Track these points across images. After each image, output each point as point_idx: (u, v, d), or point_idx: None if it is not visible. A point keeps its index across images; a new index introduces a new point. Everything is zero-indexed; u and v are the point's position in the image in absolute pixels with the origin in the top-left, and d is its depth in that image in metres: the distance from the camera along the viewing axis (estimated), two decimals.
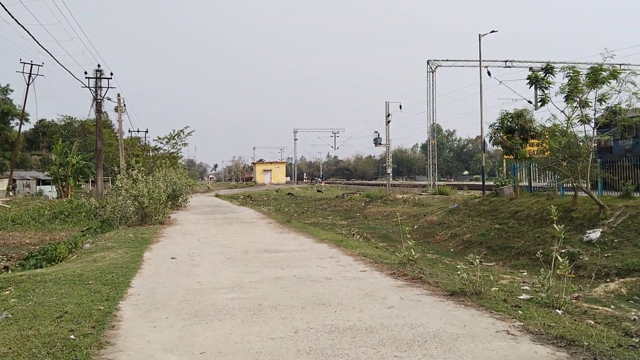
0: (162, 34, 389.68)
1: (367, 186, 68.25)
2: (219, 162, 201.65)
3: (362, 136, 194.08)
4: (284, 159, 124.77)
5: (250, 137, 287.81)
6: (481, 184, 36.98)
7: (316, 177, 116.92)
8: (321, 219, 30.76)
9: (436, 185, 45.14)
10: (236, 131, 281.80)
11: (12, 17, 20.03)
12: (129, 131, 59.78)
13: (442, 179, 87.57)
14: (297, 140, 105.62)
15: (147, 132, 63.25)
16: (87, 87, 36.32)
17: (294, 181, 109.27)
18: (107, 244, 14.81)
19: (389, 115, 46.02)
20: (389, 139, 47.77)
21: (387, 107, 45.94)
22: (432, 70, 45.61)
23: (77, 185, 49.08)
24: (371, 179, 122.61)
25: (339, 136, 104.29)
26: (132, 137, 59.44)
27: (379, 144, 50.41)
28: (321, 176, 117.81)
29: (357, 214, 32.99)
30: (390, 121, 46.48)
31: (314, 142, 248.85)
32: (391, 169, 50.03)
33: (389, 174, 49.40)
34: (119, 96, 38.84)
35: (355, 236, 20.95)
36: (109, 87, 37.12)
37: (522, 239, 17.76)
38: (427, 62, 45.66)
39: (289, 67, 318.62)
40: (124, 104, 39.49)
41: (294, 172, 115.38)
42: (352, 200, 41.15)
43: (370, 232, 23.40)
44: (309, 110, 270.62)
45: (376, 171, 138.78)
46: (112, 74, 37.47)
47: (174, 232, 18.06)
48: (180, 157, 53.83)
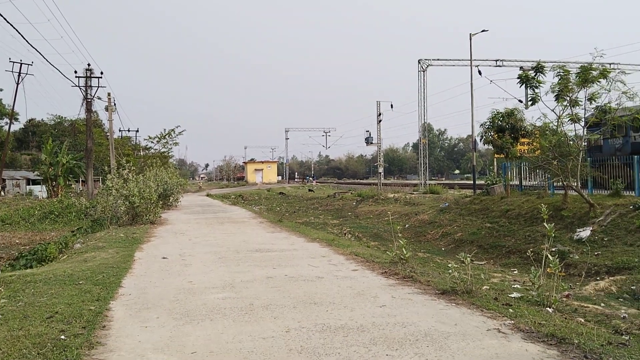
0: (153, 34, 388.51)
1: (358, 185, 68.31)
2: (210, 162, 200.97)
3: (354, 135, 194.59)
4: (275, 159, 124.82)
5: (241, 136, 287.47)
6: (472, 182, 37.12)
7: (308, 177, 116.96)
8: (313, 218, 30.77)
9: (427, 184, 45.25)
10: (227, 130, 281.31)
11: (1, 15, 19.89)
12: (120, 130, 59.35)
13: (433, 178, 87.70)
14: (289, 139, 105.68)
15: (137, 131, 62.78)
16: (77, 86, 36.04)
17: (286, 180, 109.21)
18: (98, 243, 14.73)
19: (380, 114, 46.08)
20: (380, 138, 47.84)
21: (378, 106, 46.02)
22: (423, 69, 45.71)
23: (68, 185, 48.82)
24: (363, 178, 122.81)
25: (330, 135, 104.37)
26: (123, 137, 58.95)
27: (370, 143, 50.49)
28: (313, 175, 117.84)
29: (349, 213, 33.03)
30: (381, 120, 46.56)
31: (305, 142, 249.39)
32: (382, 168, 50.08)
33: (380, 173, 49.48)
34: (109, 95, 38.64)
35: (346, 235, 20.96)
36: (99, 87, 36.88)
37: (512, 237, 17.85)
38: (418, 62, 45.76)
39: (281, 67, 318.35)
40: (115, 103, 39.28)
41: (285, 171, 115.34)
42: (344, 199, 41.21)
43: (361, 231, 23.43)
44: (301, 109, 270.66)
45: (368, 170, 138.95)
46: (102, 73, 37.30)
47: (165, 231, 18.00)
48: (171, 157, 53.60)
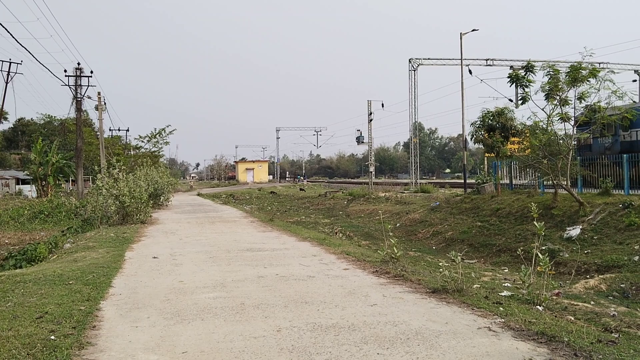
0: (146, 34, 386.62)
1: (349, 184, 68.40)
2: (201, 161, 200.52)
3: (345, 134, 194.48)
4: (266, 158, 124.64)
5: (232, 135, 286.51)
6: (463, 181, 37.25)
7: (299, 176, 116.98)
8: (304, 217, 30.75)
9: (418, 183, 45.40)
10: (218, 130, 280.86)
11: None
12: (110, 130, 59.03)
13: (424, 177, 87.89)
14: (280, 138, 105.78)
15: (128, 130, 62.40)
16: (66, 85, 35.83)
17: (277, 180, 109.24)
18: (88, 243, 14.64)
19: (371, 113, 46.09)
20: (371, 138, 47.84)
21: (369, 105, 46.02)
22: (414, 68, 45.83)
23: (57, 184, 48.45)
24: (354, 178, 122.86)
25: (321, 135, 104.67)
26: (113, 136, 58.65)
27: (361, 142, 50.47)
28: (304, 175, 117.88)
29: (340, 213, 33.07)
30: (372, 119, 46.55)
31: (296, 141, 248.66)
32: (374, 168, 50.11)
33: (371, 172, 49.51)
34: (100, 94, 38.43)
35: (337, 234, 20.95)
36: (89, 86, 36.61)
37: (503, 236, 17.92)
38: (409, 61, 45.88)
39: (272, 66, 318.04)
40: (105, 103, 39.07)
41: (276, 170, 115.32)
42: (335, 198, 41.24)
43: (352, 231, 23.45)
44: (292, 108, 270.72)
45: (359, 169, 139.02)
46: (92, 72, 37.10)
47: (155, 231, 17.93)
48: (161, 156, 53.44)
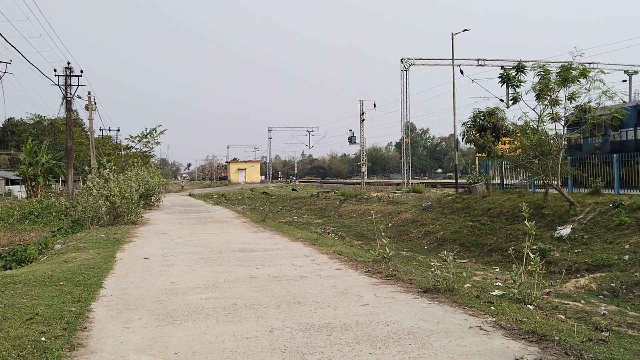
0: (143, 34, 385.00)
1: (341, 185, 68.43)
2: (192, 161, 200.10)
3: (337, 135, 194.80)
4: (258, 158, 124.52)
5: (224, 135, 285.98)
6: (454, 181, 37.35)
7: (291, 176, 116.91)
8: (296, 217, 30.74)
9: (410, 183, 45.49)
10: (210, 130, 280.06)
11: None
12: (100, 130, 58.67)
13: (415, 177, 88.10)
14: (272, 138, 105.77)
15: (118, 130, 62.04)
16: (56, 84, 35.56)
17: (269, 180, 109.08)
18: (79, 244, 14.56)
19: (363, 113, 46.13)
20: (363, 138, 47.89)
21: (361, 105, 46.05)
22: (405, 68, 45.93)
23: (47, 185, 48.15)
24: (346, 178, 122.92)
25: (313, 135, 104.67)
26: (104, 136, 58.28)
27: (353, 143, 50.52)
28: (296, 175, 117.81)
29: (332, 213, 33.08)
30: (364, 120, 46.59)
31: (288, 141, 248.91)
32: (366, 168, 50.16)
33: (363, 172, 49.54)
34: (90, 94, 38.17)
35: (330, 235, 20.96)
36: (79, 85, 36.32)
37: (494, 235, 17.99)
38: (401, 61, 45.97)
39: (265, 65, 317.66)
40: (95, 102, 38.88)
41: (268, 170, 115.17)
42: (327, 198, 41.26)
43: (345, 231, 23.46)
44: (284, 108, 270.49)
45: (351, 170, 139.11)
46: (82, 72, 36.99)
47: (147, 232, 17.86)
48: (153, 156, 53.11)
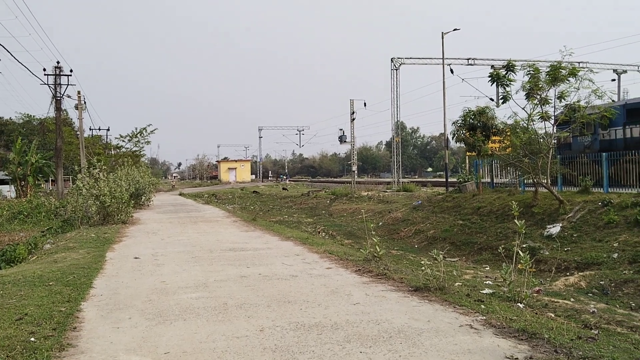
0: (142, 32, 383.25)
1: (332, 184, 68.43)
2: (182, 161, 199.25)
3: (328, 134, 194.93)
4: (248, 157, 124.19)
5: (214, 135, 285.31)
6: (445, 180, 37.46)
7: (281, 175, 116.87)
8: (287, 216, 30.71)
9: (400, 182, 45.61)
10: (200, 129, 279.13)
11: None
12: (90, 129, 58.36)
13: (406, 176, 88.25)
14: (262, 138, 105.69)
15: (108, 130, 61.63)
16: (46, 84, 35.32)
17: (259, 179, 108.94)
18: (68, 244, 14.50)
19: (353, 113, 46.12)
20: (353, 137, 47.85)
21: (351, 104, 46.04)
22: (396, 67, 46.00)
23: (37, 184, 47.82)
24: (336, 177, 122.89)
25: (304, 134, 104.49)
26: (94, 135, 57.97)
27: (344, 142, 50.53)
28: (286, 174, 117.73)
29: (323, 212, 33.09)
30: (355, 119, 46.57)
31: (279, 140, 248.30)
32: (356, 167, 50.11)
33: (354, 171, 49.53)
34: (79, 93, 37.86)
35: (320, 234, 20.97)
36: (68, 84, 36.04)
37: (484, 234, 18.07)
38: (391, 60, 46.03)
39: (255, 64, 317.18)
40: (85, 102, 38.54)
41: (259, 170, 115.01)
42: (318, 197, 41.27)
43: (335, 230, 23.47)
44: (274, 107, 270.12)
45: (341, 169, 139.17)
46: (71, 71, 36.54)
47: (137, 231, 17.79)
48: (143, 156, 52.85)
